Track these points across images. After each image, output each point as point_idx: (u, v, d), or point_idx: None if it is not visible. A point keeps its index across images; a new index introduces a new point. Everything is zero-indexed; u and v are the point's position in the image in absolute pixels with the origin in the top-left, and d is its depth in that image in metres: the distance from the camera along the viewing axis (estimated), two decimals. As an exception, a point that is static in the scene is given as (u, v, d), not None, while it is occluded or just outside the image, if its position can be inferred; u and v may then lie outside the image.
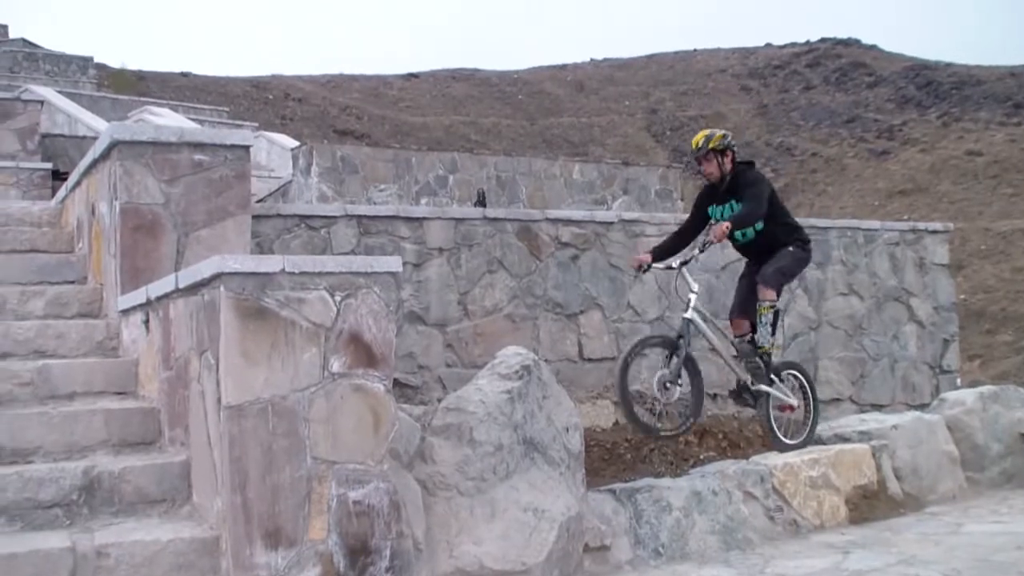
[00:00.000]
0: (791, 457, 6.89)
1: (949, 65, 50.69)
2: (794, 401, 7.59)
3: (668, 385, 6.88)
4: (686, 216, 8.29)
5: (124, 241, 5.93)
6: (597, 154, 46.54)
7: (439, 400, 6.37)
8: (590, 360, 9.23)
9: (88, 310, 6.44)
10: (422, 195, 15.03)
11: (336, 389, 4.49)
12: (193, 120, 27.43)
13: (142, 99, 32.58)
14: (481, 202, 13.38)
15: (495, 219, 8.86)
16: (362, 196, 14.50)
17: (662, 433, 7.11)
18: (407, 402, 7.17)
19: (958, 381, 11.43)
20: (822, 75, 51.91)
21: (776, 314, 7.51)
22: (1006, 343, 25.74)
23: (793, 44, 56.72)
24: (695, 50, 59.79)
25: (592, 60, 59.12)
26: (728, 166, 7.49)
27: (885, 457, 7.21)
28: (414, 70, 56.24)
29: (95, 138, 16.71)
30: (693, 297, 7.21)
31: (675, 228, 9.67)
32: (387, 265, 4.66)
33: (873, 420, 7.74)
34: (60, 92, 27.68)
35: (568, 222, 9.21)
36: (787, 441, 7.48)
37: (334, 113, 48.32)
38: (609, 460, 8.47)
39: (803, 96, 50.35)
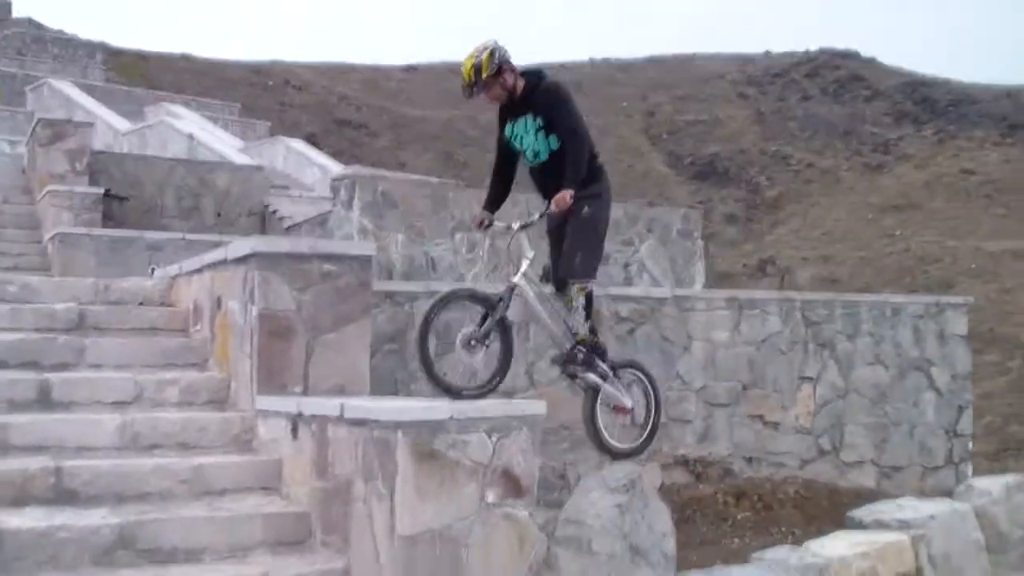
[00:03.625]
0: (844, 549, 7.56)
1: (947, 82, 51.48)
2: (628, 402, 6.81)
3: (474, 344, 6.33)
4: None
5: (260, 343, 6.56)
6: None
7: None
8: (641, 426, 9.91)
9: (216, 398, 7.05)
10: (457, 231, 15.63)
11: (490, 518, 5.19)
12: (207, 117, 28.05)
13: (155, 92, 33.02)
14: None
15: (561, 295, 9.51)
16: (401, 229, 15.08)
17: (463, 394, 6.23)
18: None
19: (970, 445, 12.21)
20: (820, 86, 52.64)
21: (589, 297, 6.70)
22: (993, 363, 26.51)
23: (792, 53, 57.37)
24: (694, 54, 60.37)
25: (591, 59, 59.62)
26: (511, 81, 6.63)
27: (923, 547, 7.91)
28: (413, 62, 56.64)
29: (139, 156, 17.30)
30: (525, 263, 6.64)
31: (722, 301, 10.44)
32: (535, 408, 5.35)
33: (910, 508, 8.42)
34: (77, 83, 28.21)
35: (627, 298, 9.89)
36: (615, 444, 6.80)
37: (333, 102, 48.66)
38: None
39: (800, 106, 51.06)
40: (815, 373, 10.98)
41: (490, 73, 6.49)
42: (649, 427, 6.99)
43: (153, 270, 13.23)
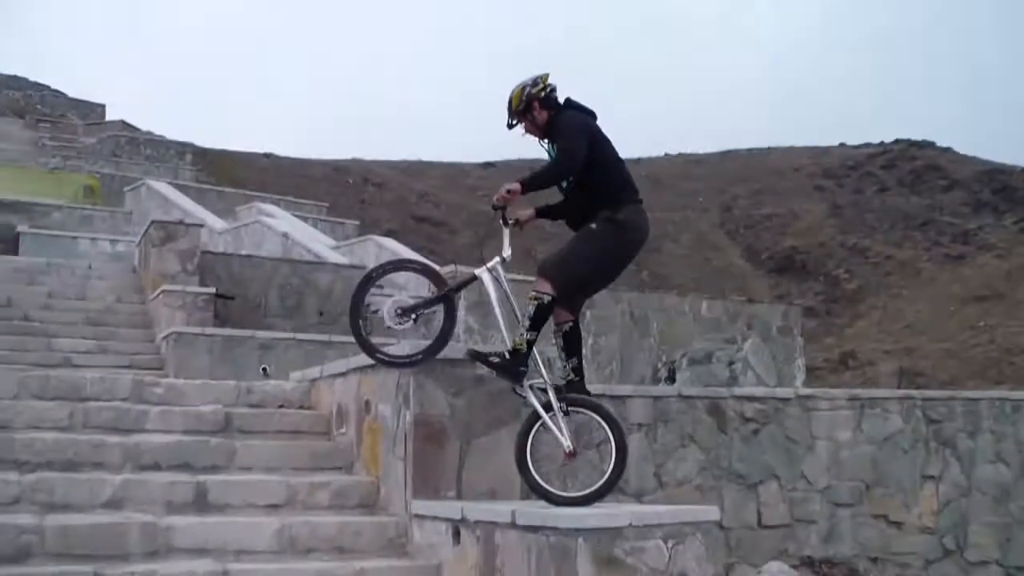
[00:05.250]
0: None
1: (1024, 171, 51.22)
2: (566, 444, 6.05)
3: (402, 313, 6.47)
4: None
5: (415, 448, 6.66)
6: (670, 250, 47.31)
7: None
8: (767, 527, 9.85)
9: (366, 502, 7.15)
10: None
11: (667, 624, 5.19)
12: (297, 216, 28.55)
13: (246, 192, 33.72)
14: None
15: (688, 396, 9.56)
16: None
17: (386, 359, 6.55)
18: None
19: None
20: (896, 177, 52.60)
21: (540, 308, 6.30)
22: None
23: (868, 144, 57.49)
24: (769, 148, 60.63)
25: (667, 154, 60.06)
26: (541, 117, 6.54)
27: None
28: (491, 159, 57.36)
29: (245, 256, 17.66)
30: (496, 259, 6.52)
31: (844, 400, 10.41)
32: (709, 515, 5.38)
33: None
34: (171, 184, 28.91)
35: (751, 398, 9.90)
36: (546, 487, 6.03)
37: (412, 200, 49.39)
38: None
39: (877, 198, 51.00)
40: (937, 472, 10.86)
41: (518, 108, 6.51)
42: (606, 478, 5.91)
43: (265, 369, 13.47)
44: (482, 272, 6.57)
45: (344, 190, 48.76)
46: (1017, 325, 36.12)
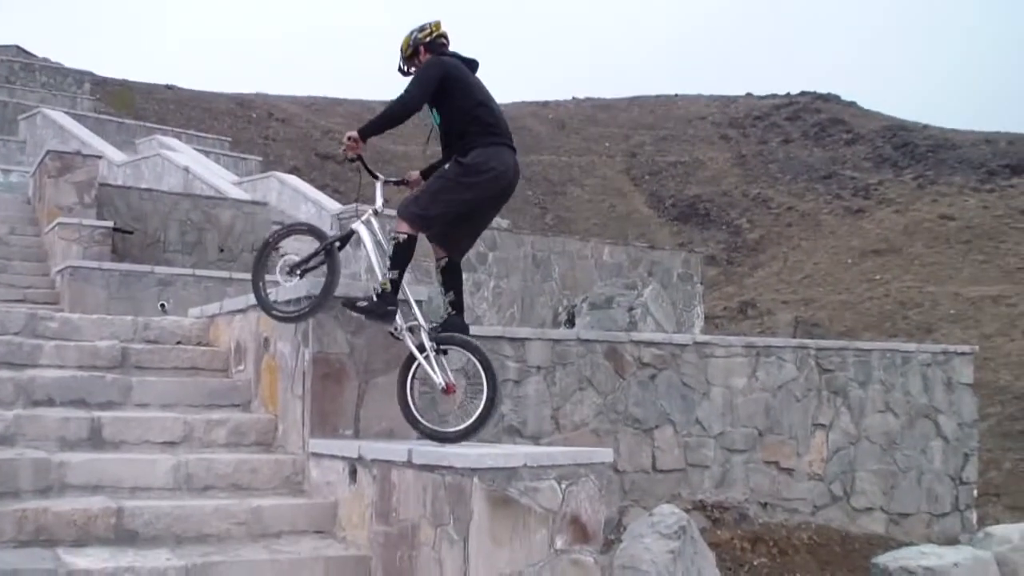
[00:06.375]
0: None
1: (926, 127, 52.22)
2: (438, 379, 6.21)
3: (289, 271, 6.72)
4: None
5: (314, 386, 6.65)
6: (575, 194, 47.52)
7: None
8: (661, 471, 10.04)
9: (263, 439, 7.12)
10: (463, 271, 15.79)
11: (559, 564, 5.29)
12: (199, 151, 28.12)
13: (147, 125, 33.09)
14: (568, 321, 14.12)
15: (587, 340, 9.67)
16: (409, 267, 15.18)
17: (274, 313, 6.76)
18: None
19: (975, 492, 12.40)
20: (801, 129, 53.25)
21: (397, 247, 6.48)
22: (973, 409, 26.78)
23: (774, 96, 58.06)
24: (676, 95, 60.96)
25: (574, 99, 60.10)
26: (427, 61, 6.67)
27: (950, 593, 8.09)
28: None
29: (145, 189, 17.37)
30: (369, 211, 6.78)
31: (740, 348, 10.60)
32: (603, 457, 5.47)
33: (933, 555, 8.57)
34: (68, 113, 28.25)
35: (649, 343, 10.04)
36: (427, 425, 6.24)
37: (316, 136, 48.78)
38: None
39: (781, 149, 51.62)
40: (828, 420, 11.15)
41: (407, 54, 6.69)
42: (477, 413, 6.00)
43: (163, 305, 13.30)
44: (358, 226, 6.78)
45: (247, 125, 48.07)
46: (912, 279, 36.98)
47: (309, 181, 33.08)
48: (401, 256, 6.49)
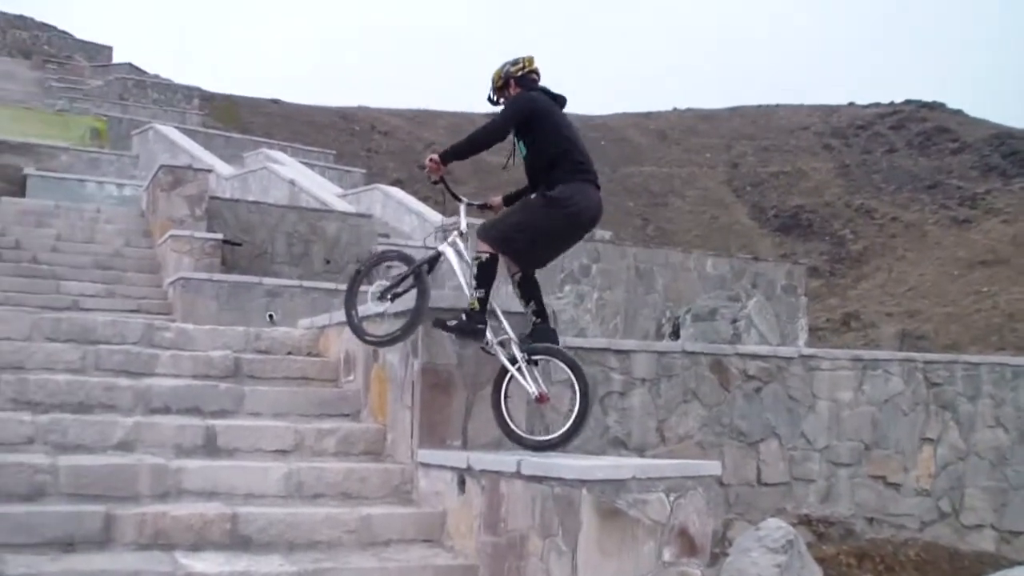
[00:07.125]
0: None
1: (1035, 134, 50.96)
2: (532, 389, 6.37)
3: (383, 296, 6.85)
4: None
5: (422, 397, 6.75)
6: (676, 205, 47.30)
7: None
8: (766, 484, 9.97)
9: (372, 449, 7.24)
10: (566, 283, 15.92)
11: (666, 576, 5.30)
12: (304, 164, 28.60)
13: (253, 138, 33.75)
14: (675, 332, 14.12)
15: (692, 352, 9.66)
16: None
17: (367, 339, 6.96)
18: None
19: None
20: (905, 138, 52.40)
21: (481, 267, 6.54)
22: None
23: (877, 104, 57.20)
24: (777, 105, 60.36)
25: (675, 109, 59.86)
26: (516, 94, 6.86)
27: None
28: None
29: (253, 202, 17.72)
30: (455, 234, 6.95)
31: (846, 361, 10.50)
32: (711, 469, 5.47)
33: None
34: (178, 128, 28.91)
35: (755, 356, 9.99)
36: (523, 435, 6.46)
37: (419, 148, 49.20)
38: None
39: (885, 158, 50.83)
40: (936, 435, 10.97)
41: (497, 84, 6.90)
42: (571, 421, 6.18)
43: (271, 316, 13.56)
44: (444, 248, 6.90)
45: (350, 138, 48.73)
46: (1020, 291, 36.12)
47: (412, 193, 33.46)
48: (484, 275, 6.59)
